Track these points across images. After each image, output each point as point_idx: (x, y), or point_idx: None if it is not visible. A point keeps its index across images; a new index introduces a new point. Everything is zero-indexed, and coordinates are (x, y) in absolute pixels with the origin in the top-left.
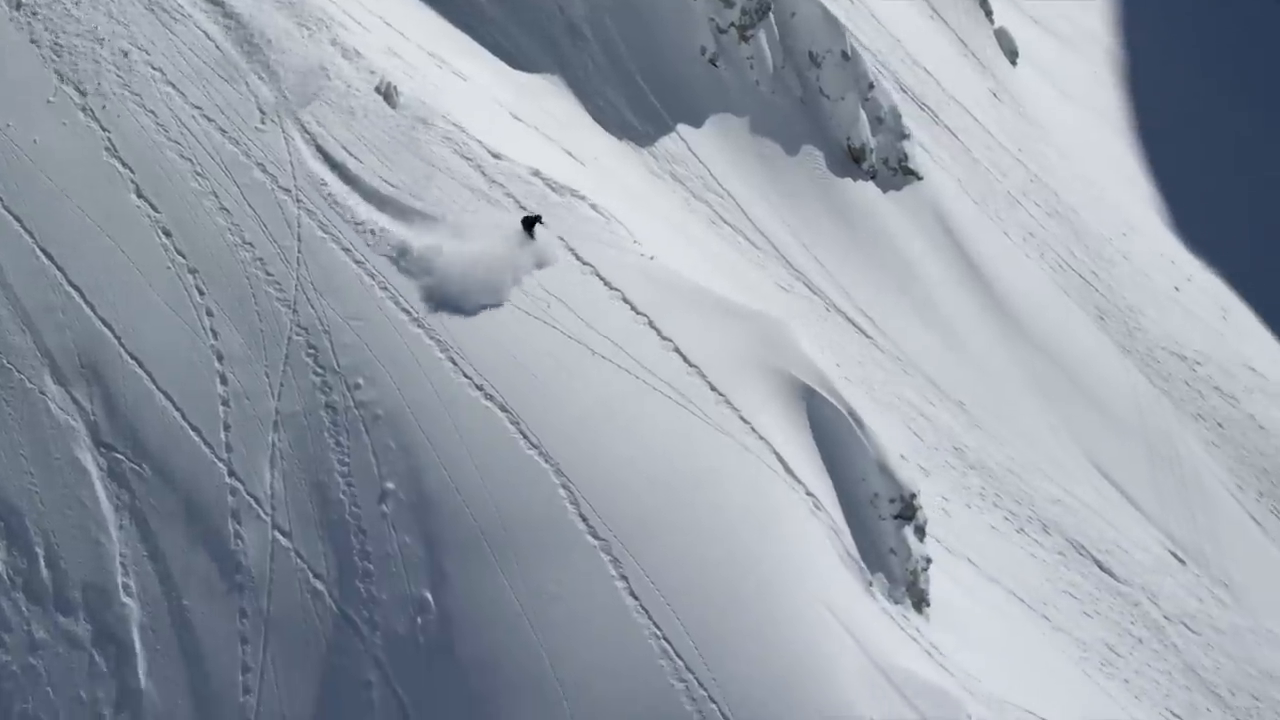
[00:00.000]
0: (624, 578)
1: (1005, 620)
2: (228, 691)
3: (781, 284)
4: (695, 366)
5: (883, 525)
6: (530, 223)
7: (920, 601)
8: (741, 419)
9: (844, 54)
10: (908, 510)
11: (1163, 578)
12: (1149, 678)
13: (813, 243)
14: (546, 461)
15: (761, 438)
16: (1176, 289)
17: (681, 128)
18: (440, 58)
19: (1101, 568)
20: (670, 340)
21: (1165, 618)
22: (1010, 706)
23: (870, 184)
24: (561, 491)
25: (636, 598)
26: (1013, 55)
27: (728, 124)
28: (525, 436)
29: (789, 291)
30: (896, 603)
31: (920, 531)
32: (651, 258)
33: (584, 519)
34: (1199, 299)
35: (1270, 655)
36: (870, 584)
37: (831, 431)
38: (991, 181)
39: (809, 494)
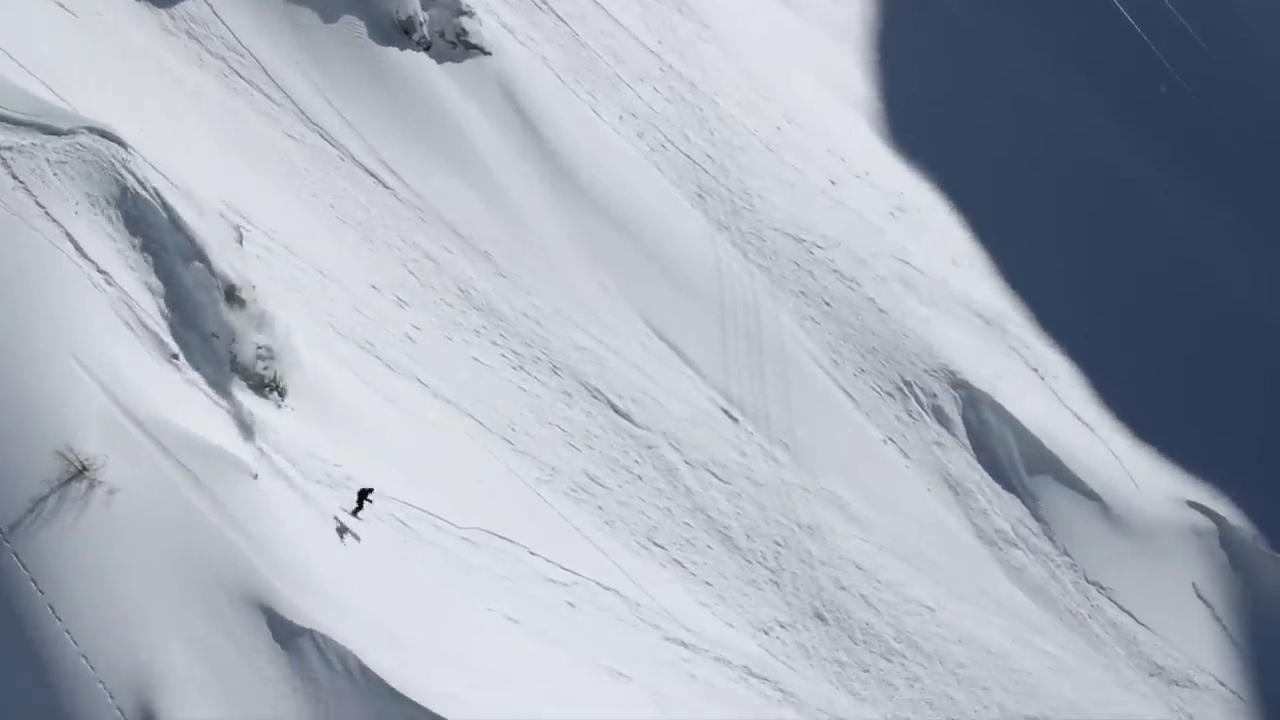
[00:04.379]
0: None
1: (435, 434)
2: None
3: (292, 134)
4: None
5: (204, 310)
6: (362, 496)
7: (270, 388)
8: (37, 204)
9: None
10: (234, 300)
11: (699, 429)
12: (635, 509)
13: (342, 104)
14: None
15: (55, 221)
16: (832, 183)
17: None
18: None
19: (617, 411)
20: None
21: (687, 463)
22: (395, 502)
23: (423, 55)
24: None
25: None
26: None
27: None
28: None
29: (298, 140)
30: (249, 385)
31: (255, 322)
32: None
33: None
34: (865, 195)
35: (817, 512)
36: (176, 356)
37: (147, 225)
38: (597, 65)
39: (101, 271)
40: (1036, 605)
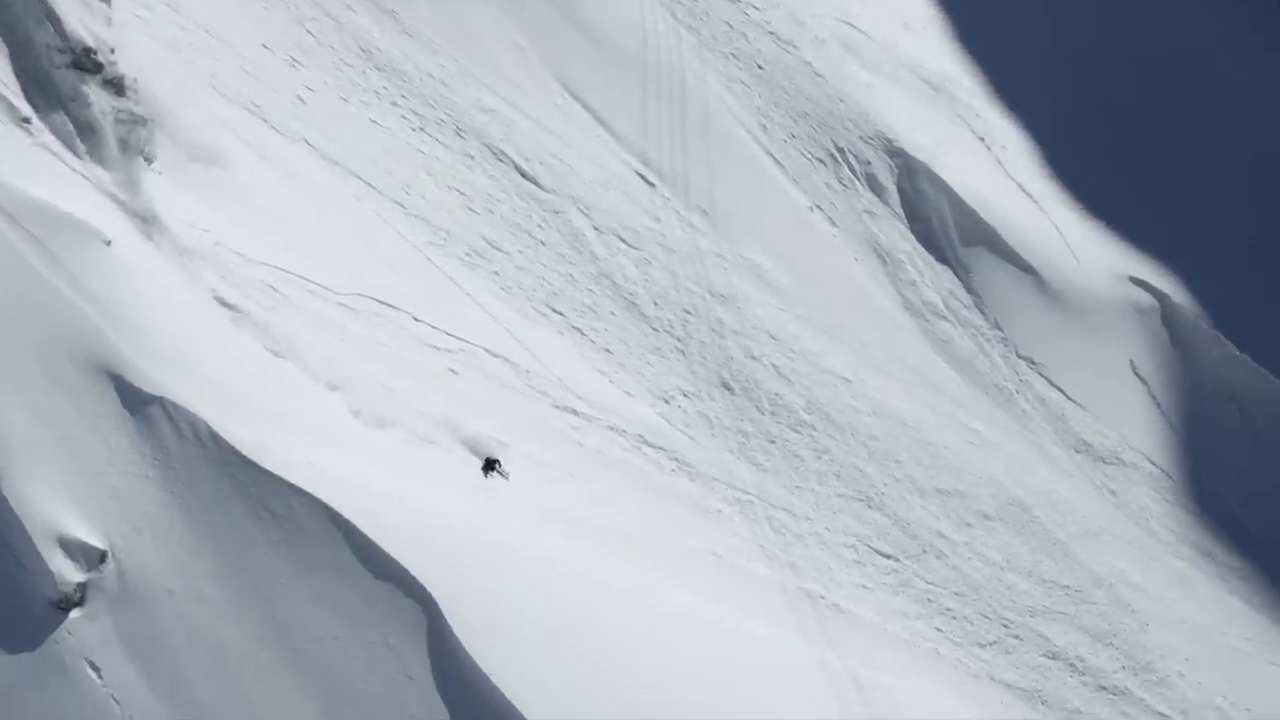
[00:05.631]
0: None
1: (319, 198)
2: None
3: None
4: None
5: (58, 74)
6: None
7: (135, 152)
8: None
9: None
10: (86, 64)
11: (611, 193)
12: (535, 275)
13: None
14: None
15: None
16: None
17: None
18: None
19: (522, 174)
20: None
21: (595, 228)
22: (266, 267)
23: None
24: None
25: None
26: None
27: None
28: None
29: None
30: (111, 151)
31: (115, 87)
32: None
33: None
34: None
35: (733, 280)
36: (28, 120)
37: None
38: None
39: None
40: (961, 379)
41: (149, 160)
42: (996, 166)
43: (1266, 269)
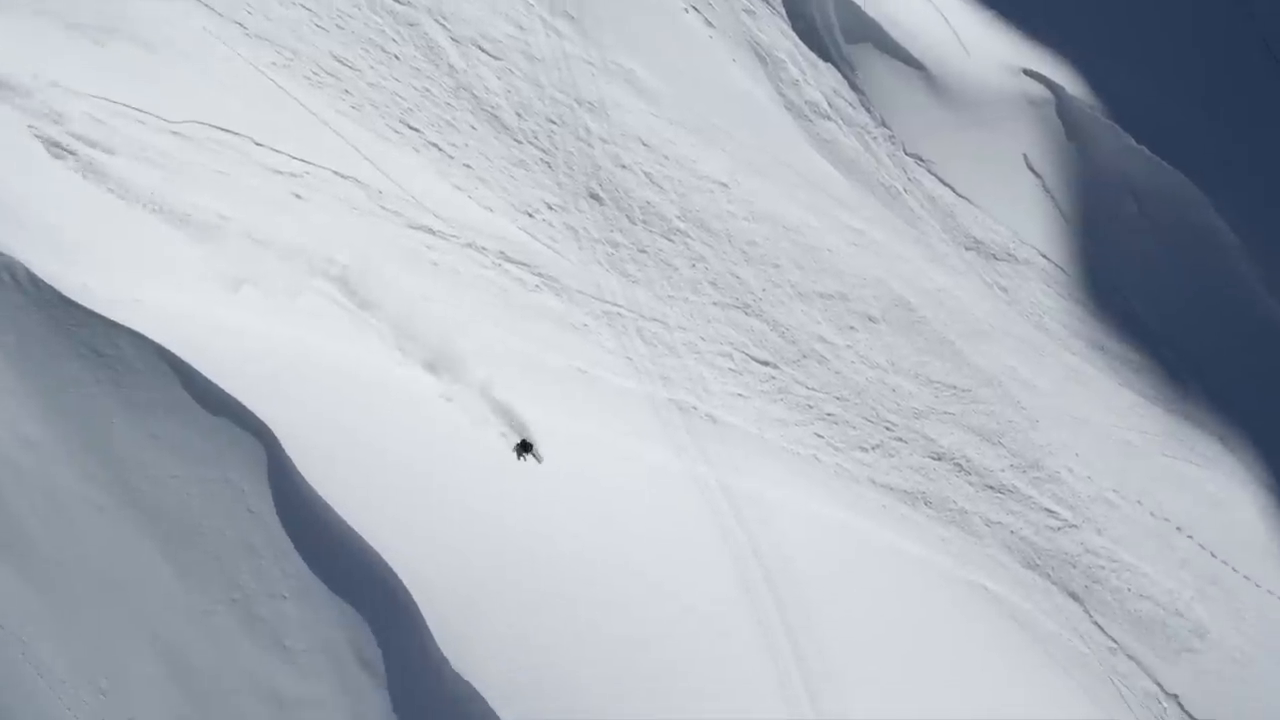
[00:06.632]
0: None
1: (157, 27)
2: None
3: None
4: None
5: None
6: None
7: None
8: None
9: None
10: None
11: (470, 3)
12: (388, 92)
13: None
14: None
15: None
16: None
17: None
18: None
19: None
20: None
21: (453, 39)
22: (94, 99)
23: None
24: None
25: None
26: None
27: None
28: None
29: None
30: None
31: None
32: None
33: None
34: None
35: (601, 87)
36: None
37: None
38: None
39: None
40: (846, 180)
41: None
42: None
43: (1164, 59)
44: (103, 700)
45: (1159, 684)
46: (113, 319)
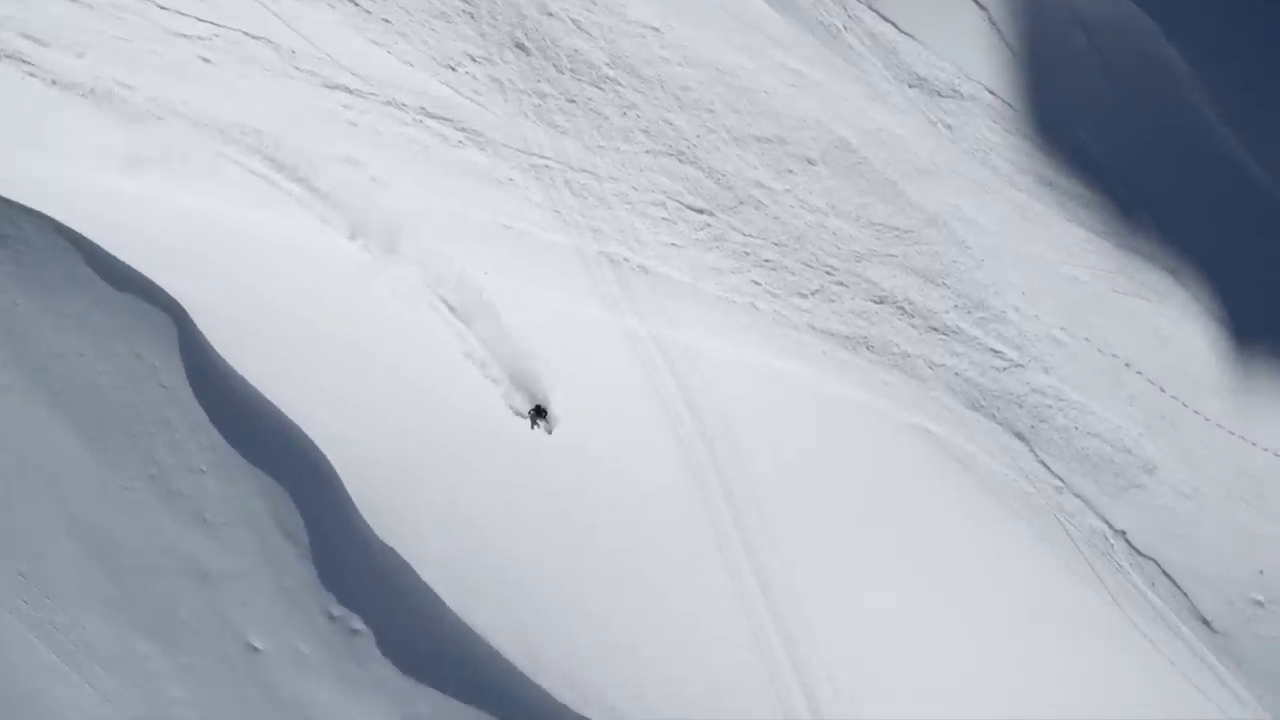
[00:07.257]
0: None
1: None
2: None
3: None
4: None
5: None
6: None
7: None
8: None
9: None
10: None
11: None
12: None
13: None
14: None
15: None
16: None
17: None
18: None
19: None
20: None
21: None
22: None
23: None
24: None
25: None
26: None
27: None
28: None
29: None
30: None
31: None
32: None
33: None
34: None
35: None
36: None
37: None
38: None
39: None
40: (782, 19)
41: None
42: None
43: None
44: (22, 582)
45: (1106, 521)
46: (9, 198)
